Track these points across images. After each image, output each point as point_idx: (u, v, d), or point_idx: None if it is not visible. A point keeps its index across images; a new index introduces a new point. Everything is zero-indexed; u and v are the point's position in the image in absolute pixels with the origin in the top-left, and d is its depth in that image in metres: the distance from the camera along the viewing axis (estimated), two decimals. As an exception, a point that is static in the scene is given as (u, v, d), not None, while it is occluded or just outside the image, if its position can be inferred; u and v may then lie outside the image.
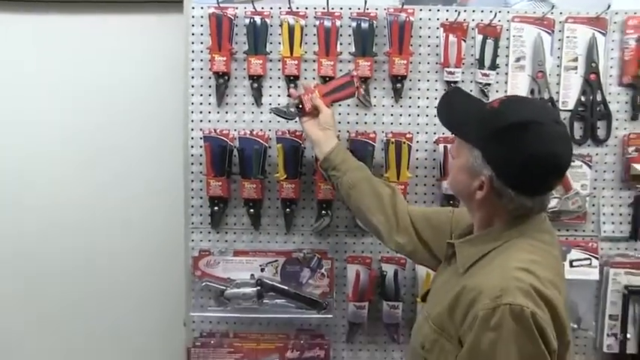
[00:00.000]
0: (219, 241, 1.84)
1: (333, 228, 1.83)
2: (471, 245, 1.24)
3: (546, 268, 1.15)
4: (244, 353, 1.79)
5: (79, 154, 2.06)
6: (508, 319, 1.04)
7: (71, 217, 2.08)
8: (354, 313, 1.81)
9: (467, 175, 1.22)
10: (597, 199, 1.81)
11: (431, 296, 1.35)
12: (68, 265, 2.10)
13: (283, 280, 1.81)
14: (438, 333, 1.19)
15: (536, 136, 1.13)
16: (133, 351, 2.13)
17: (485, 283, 1.11)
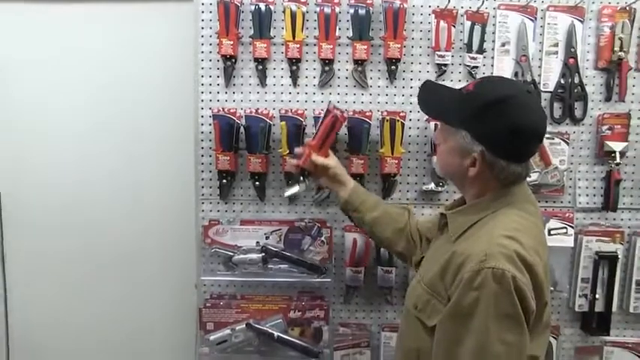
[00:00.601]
0: (227, 211, 1.92)
1: (332, 199, 1.90)
2: (462, 215, 1.33)
3: (529, 235, 1.24)
4: (250, 313, 1.86)
5: (101, 133, 2.11)
6: (490, 280, 1.13)
7: (95, 191, 2.16)
8: (351, 277, 1.90)
9: (457, 156, 1.29)
10: (574, 174, 1.91)
11: (424, 262, 1.42)
12: (92, 235, 2.18)
13: (286, 247, 1.88)
14: (429, 294, 1.28)
15: (515, 108, 1.23)
16: (150, 311, 2.23)
17: (473, 249, 1.19)
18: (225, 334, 1.84)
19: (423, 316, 1.29)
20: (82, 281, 2.22)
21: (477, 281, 1.14)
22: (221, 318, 1.86)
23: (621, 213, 1.94)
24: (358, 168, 1.84)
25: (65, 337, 2.25)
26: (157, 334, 2.25)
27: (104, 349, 2.26)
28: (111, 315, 2.24)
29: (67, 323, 2.23)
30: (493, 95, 1.25)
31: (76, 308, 2.23)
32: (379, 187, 1.91)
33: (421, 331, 1.29)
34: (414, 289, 1.36)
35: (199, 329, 1.86)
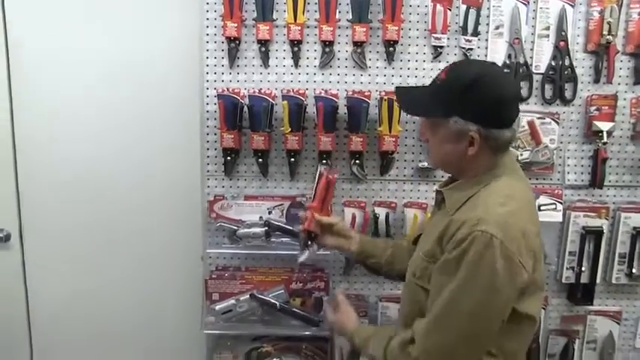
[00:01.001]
0: (232, 187, 1.96)
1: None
2: (458, 190, 1.39)
3: (521, 200, 1.33)
4: (254, 284, 1.91)
5: (111, 113, 2.13)
6: (477, 243, 1.21)
7: (105, 168, 2.17)
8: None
9: (452, 142, 1.34)
10: (563, 152, 1.98)
11: (423, 237, 1.49)
12: (103, 210, 2.20)
13: (288, 221, 1.92)
14: (427, 261, 1.36)
15: (493, 81, 1.32)
16: (158, 282, 2.26)
17: (468, 215, 1.28)
18: (230, 304, 1.89)
19: (422, 281, 1.37)
20: (94, 254, 2.26)
21: (465, 243, 1.23)
22: (226, 289, 1.91)
23: (607, 190, 2.01)
24: (357, 146, 1.89)
25: (78, 307, 2.30)
26: (165, 305, 2.30)
27: (115, 319, 2.31)
28: (121, 286, 2.28)
29: (79, 294, 2.28)
30: (469, 76, 1.31)
31: (88, 279, 2.27)
32: (377, 164, 1.97)
33: (422, 296, 1.37)
34: (414, 261, 1.43)
35: (205, 299, 1.92)
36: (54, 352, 2.34)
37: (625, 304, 2.09)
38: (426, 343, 1.30)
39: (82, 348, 2.34)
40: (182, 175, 2.14)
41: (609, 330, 2.09)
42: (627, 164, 2.01)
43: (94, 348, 2.34)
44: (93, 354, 2.34)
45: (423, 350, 1.30)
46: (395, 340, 1.37)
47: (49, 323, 2.32)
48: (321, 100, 1.88)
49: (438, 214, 1.47)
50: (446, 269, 1.28)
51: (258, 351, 1.98)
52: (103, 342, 2.34)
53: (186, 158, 2.09)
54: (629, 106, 1.97)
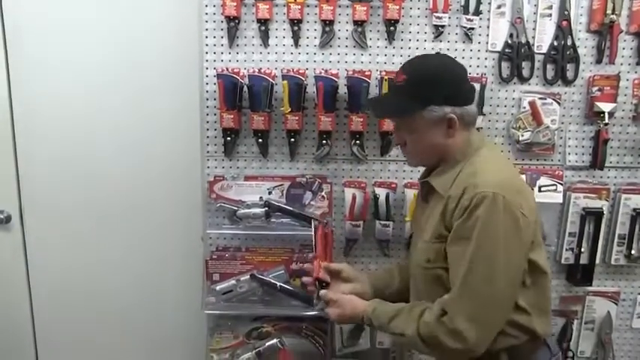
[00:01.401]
0: (232, 167, 1.98)
1: (332, 156, 1.97)
2: (442, 174, 1.48)
3: (506, 165, 1.49)
4: (254, 265, 1.91)
5: (110, 93, 2.13)
6: (484, 203, 1.31)
7: (106, 148, 2.18)
8: (350, 230, 1.97)
9: (432, 130, 1.43)
10: (564, 133, 1.98)
11: (423, 227, 1.51)
12: (104, 190, 2.21)
13: (288, 202, 1.93)
14: (436, 243, 1.42)
15: (449, 64, 1.48)
16: (158, 263, 2.28)
17: (465, 185, 1.37)
18: (231, 285, 1.90)
19: (440, 262, 1.42)
20: (94, 234, 2.27)
21: (471, 205, 1.32)
22: (226, 269, 1.92)
23: (608, 171, 2.02)
24: (357, 126, 1.90)
25: (78, 287, 2.32)
26: (165, 285, 2.32)
27: (115, 299, 2.33)
28: (121, 267, 2.30)
29: (80, 274, 2.30)
30: (429, 66, 1.47)
31: (89, 260, 2.29)
32: (378, 144, 1.97)
33: (444, 276, 1.42)
34: (421, 250, 1.48)
35: (206, 280, 1.93)
36: (55, 330, 2.37)
37: (623, 285, 2.12)
38: (460, 310, 1.35)
39: (83, 326, 2.36)
40: (182, 155, 2.15)
41: (607, 310, 2.12)
42: (628, 145, 2.01)
43: (95, 326, 2.36)
44: (93, 332, 2.37)
45: (459, 318, 1.34)
46: (427, 315, 1.40)
47: (50, 304, 2.35)
48: (322, 79, 1.88)
49: (429, 205, 1.52)
50: (460, 237, 1.36)
51: (259, 331, 1.99)
52: (103, 320, 2.36)
53: (185, 139, 2.09)
54: (631, 86, 1.97)
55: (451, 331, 1.35)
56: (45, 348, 2.40)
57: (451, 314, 1.36)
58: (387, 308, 1.49)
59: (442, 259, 1.42)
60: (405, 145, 1.52)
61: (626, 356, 2.18)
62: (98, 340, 2.38)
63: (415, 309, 1.45)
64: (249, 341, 1.99)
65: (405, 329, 1.42)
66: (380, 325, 1.49)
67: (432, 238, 1.44)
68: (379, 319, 1.49)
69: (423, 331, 1.39)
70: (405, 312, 1.46)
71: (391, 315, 1.47)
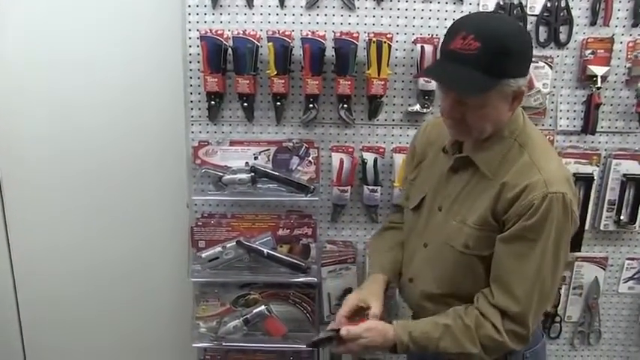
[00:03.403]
0: (217, 132, 1.98)
1: (320, 120, 1.98)
2: (486, 151, 1.40)
3: (555, 152, 1.45)
4: (241, 231, 1.94)
5: (88, 60, 2.11)
6: (555, 204, 1.30)
7: (87, 117, 2.17)
8: (337, 196, 1.99)
9: (502, 105, 1.33)
10: (556, 97, 1.99)
11: (457, 203, 1.46)
12: (84, 160, 2.21)
13: (275, 167, 1.94)
14: (480, 230, 1.40)
15: (520, 29, 1.37)
16: (143, 231, 2.29)
17: (528, 178, 1.33)
18: (217, 252, 1.93)
19: (478, 250, 1.41)
20: (76, 203, 2.27)
21: (544, 205, 1.30)
22: (212, 236, 1.95)
23: (599, 136, 2.04)
24: (345, 89, 1.89)
25: (62, 259, 2.33)
26: (150, 253, 2.33)
27: (100, 268, 2.34)
28: (105, 235, 2.30)
29: (63, 245, 2.31)
30: (504, 33, 1.29)
31: (71, 230, 2.30)
32: (365, 108, 1.97)
33: (477, 264, 1.43)
34: (458, 232, 1.43)
35: (191, 247, 1.95)
36: (40, 304, 2.39)
37: (611, 250, 2.16)
38: (530, 314, 1.36)
39: (67, 299, 2.38)
40: (165, 120, 2.14)
41: (595, 276, 2.17)
42: (620, 110, 2.03)
43: (80, 298, 2.38)
44: (78, 304, 2.39)
45: (530, 322, 1.37)
46: (485, 328, 1.38)
47: (33, 277, 2.36)
48: (308, 41, 1.87)
49: (462, 179, 1.46)
50: (524, 237, 1.33)
51: (246, 298, 2.02)
52: (88, 292, 2.38)
53: (168, 103, 2.08)
54: (625, 49, 1.98)
55: (521, 336, 1.38)
56: (29, 325, 2.42)
57: (520, 319, 1.36)
58: (424, 328, 1.41)
59: (482, 247, 1.40)
60: (459, 120, 1.36)
61: (611, 320, 2.25)
62: (83, 312, 2.40)
63: (458, 321, 1.40)
64: (236, 309, 2.02)
65: (463, 348, 1.39)
66: (423, 348, 1.41)
67: (477, 223, 1.40)
68: (419, 342, 1.41)
69: (488, 343, 1.38)
70: (450, 328, 1.40)
71: (435, 336, 1.40)
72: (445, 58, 1.34)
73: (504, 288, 1.37)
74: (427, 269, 1.53)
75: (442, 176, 1.51)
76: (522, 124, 1.41)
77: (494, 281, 1.40)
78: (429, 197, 1.54)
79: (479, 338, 1.38)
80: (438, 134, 1.56)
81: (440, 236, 1.48)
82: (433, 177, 1.54)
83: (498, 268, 1.39)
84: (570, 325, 2.26)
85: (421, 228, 1.55)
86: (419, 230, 1.56)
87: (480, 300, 1.41)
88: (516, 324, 1.36)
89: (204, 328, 2.02)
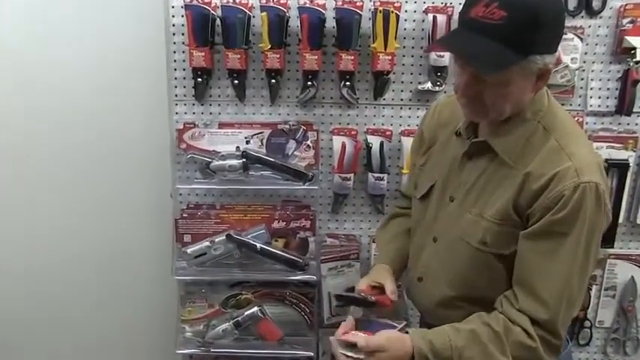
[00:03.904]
0: (204, 113, 1.92)
1: (319, 99, 1.91)
2: (506, 135, 1.32)
3: (585, 136, 1.40)
4: (231, 224, 1.89)
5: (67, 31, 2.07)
6: (588, 194, 1.22)
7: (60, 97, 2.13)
8: (339, 184, 1.93)
9: (524, 83, 1.25)
10: (586, 73, 1.89)
11: (473, 194, 1.39)
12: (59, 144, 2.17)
13: (269, 152, 1.89)
14: (500, 224, 1.32)
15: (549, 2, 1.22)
16: (122, 223, 2.25)
17: (556, 166, 1.25)
18: (204, 247, 1.88)
19: (497, 248, 1.34)
20: (51, 194, 2.24)
21: (575, 197, 1.22)
22: (199, 229, 1.90)
23: (636, 117, 1.94)
24: (347, 65, 1.82)
25: (37, 253, 2.30)
26: (131, 248, 2.29)
27: (77, 264, 2.30)
28: (82, 229, 2.26)
29: (38, 238, 2.28)
30: (532, 2, 1.18)
31: (46, 222, 2.27)
32: (370, 86, 1.91)
33: (494, 263, 1.35)
34: (474, 226, 1.36)
35: (175, 241, 1.90)
36: (10, 305, 2.36)
37: (650, 247, 2.07)
38: (560, 318, 1.29)
39: (43, 296, 2.35)
40: (146, 100, 2.10)
41: (631, 275, 2.07)
42: (661, 87, 1.93)
43: (49, 297, 2.35)
44: (47, 303, 2.35)
45: (561, 328, 1.30)
46: (515, 334, 1.29)
47: (5, 271, 2.33)
48: (306, 11, 1.81)
49: (477, 166, 1.39)
50: (552, 232, 1.26)
51: (237, 298, 1.98)
52: (59, 291, 2.34)
53: (149, 81, 2.04)
54: (668, 17, 1.87)
55: (553, 346, 1.30)
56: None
57: (550, 326, 1.29)
58: (445, 335, 1.33)
59: (502, 244, 1.33)
60: (474, 99, 1.28)
61: (652, 326, 2.15)
62: (52, 313, 2.37)
63: (484, 327, 1.32)
64: (226, 310, 1.98)
65: (491, 358, 1.31)
66: (443, 359, 1.33)
67: (496, 217, 1.33)
68: (440, 352, 1.32)
69: (519, 352, 1.30)
70: (476, 334, 1.32)
71: (459, 344, 1.31)
72: (463, 28, 1.25)
73: (530, 291, 1.29)
74: (437, 267, 1.47)
75: (455, 163, 1.44)
76: (547, 104, 1.34)
77: (517, 284, 1.32)
78: (438, 186, 1.48)
79: (509, 346, 1.30)
80: (451, 115, 1.49)
81: (452, 230, 1.42)
82: (444, 163, 1.47)
83: (522, 268, 1.31)
84: (602, 331, 2.16)
85: (430, 220, 1.49)
86: (427, 222, 1.50)
87: (504, 304, 1.33)
88: (546, 332, 1.29)
89: (190, 333, 1.98)
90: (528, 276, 1.29)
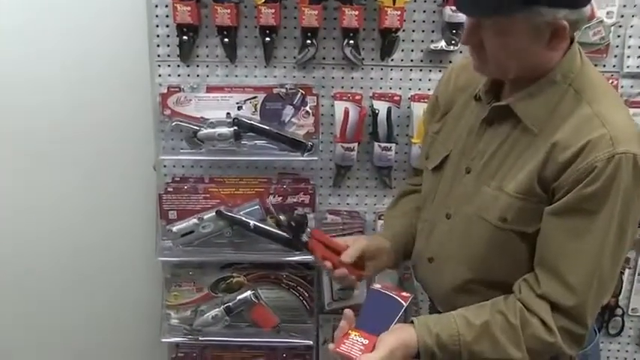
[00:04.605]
0: (190, 75, 1.86)
1: (319, 60, 1.84)
2: (531, 99, 1.25)
3: (622, 102, 1.33)
4: (221, 199, 1.83)
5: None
6: (624, 166, 1.15)
7: (35, 65, 2.04)
8: (341, 155, 1.86)
9: (530, 39, 1.19)
10: (623, 29, 1.80)
11: (490, 165, 1.33)
12: (34, 115, 2.09)
13: (263, 119, 1.84)
14: (522, 199, 1.24)
15: None
16: (99, 196, 2.18)
17: (588, 135, 1.17)
18: (192, 225, 1.84)
19: (519, 225, 1.27)
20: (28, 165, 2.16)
21: (609, 168, 1.16)
22: (186, 205, 1.86)
23: None
24: (351, 21, 1.75)
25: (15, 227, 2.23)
26: (110, 227, 2.21)
27: (54, 244, 2.23)
28: (54, 204, 2.19)
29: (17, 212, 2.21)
30: None
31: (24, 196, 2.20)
32: (377, 45, 1.83)
33: (516, 242, 1.28)
34: (494, 201, 1.29)
35: (160, 219, 1.85)
36: None
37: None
38: (589, 306, 1.22)
39: (20, 276, 2.28)
40: (126, 62, 2.01)
41: None
42: None
43: (26, 277, 2.27)
44: (24, 283, 2.28)
45: (588, 317, 1.23)
46: (532, 326, 1.23)
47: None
48: None
49: (498, 133, 1.32)
50: (584, 208, 1.19)
51: (227, 282, 1.93)
52: (37, 269, 2.27)
53: (128, 39, 1.96)
54: None
55: (577, 337, 1.24)
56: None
57: (575, 315, 1.22)
58: (453, 327, 1.28)
59: (525, 221, 1.26)
60: (478, 47, 1.24)
61: (692, 315, 2.08)
62: (29, 296, 2.30)
63: (498, 318, 1.25)
64: (216, 295, 1.95)
65: (504, 353, 1.25)
66: (451, 353, 1.27)
67: (518, 191, 1.25)
68: (448, 347, 1.26)
69: (535, 346, 1.24)
70: (489, 327, 1.26)
71: (468, 339, 1.26)
72: None
73: (554, 274, 1.22)
74: (451, 247, 1.39)
75: (472, 130, 1.37)
76: (580, 65, 1.25)
77: (540, 265, 1.25)
78: (454, 155, 1.40)
79: (524, 339, 1.23)
80: (469, 79, 1.41)
81: (468, 205, 1.34)
82: (461, 131, 1.40)
83: (547, 248, 1.24)
84: (636, 320, 2.09)
85: (443, 194, 1.42)
86: (440, 197, 1.43)
87: (523, 289, 1.25)
88: (570, 320, 1.22)
89: (177, 320, 1.94)
90: (553, 257, 1.23)
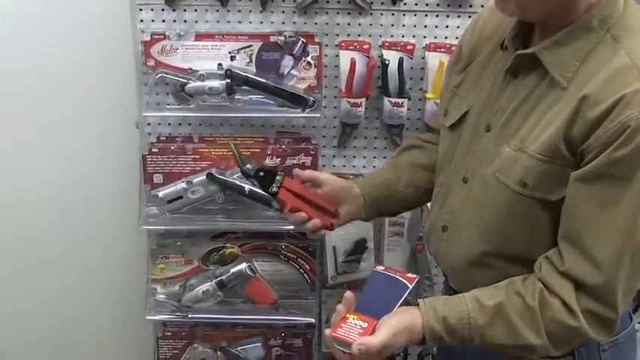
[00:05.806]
0: (177, 21, 1.77)
1: (322, 4, 1.75)
2: (561, 48, 1.17)
3: None
4: (212, 160, 1.79)
5: None
6: None
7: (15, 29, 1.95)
8: (347, 111, 1.78)
9: None
10: None
11: (512, 121, 1.26)
12: (19, 79, 2.01)
13: (259, 71, 1.77)
14: (546, 162, 1.16)
15: None
16: (77, 157, 2.11)
17: (622, 89, 1.08)
18: (179, 189, 1.79)
19: (540, 191, 1.17)
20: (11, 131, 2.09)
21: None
22: (173, 167, 1.80)
23: None
24: None
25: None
26: (87, 191, 2.14)
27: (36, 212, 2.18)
28: (28, 166, 2.12)
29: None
30: None
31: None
32: None
33: (538, 210, 1.20)
34: (514, 162, 1.20)
35: (144, 183, 1.79)
36: None
37: None
38: (620, 286, 1.14)
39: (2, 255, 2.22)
40: (103, 5, 1.92)
41: None
42: None
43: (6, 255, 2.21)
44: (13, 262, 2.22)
45: (618, 296, 1.14)
46: (552, 308, 1.17)
47: None
48: None
49: (521, 87, 1.24)
50: (615, 173, 1.11)
51: (220, 253, 1.88)
52: (12, 239, 2.21)
53: None
54: None
55: (606, 321, 1.16)
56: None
57: (603, 295, 1.14)
58: (462, 310, 1.22)
59: (548, 187, 1.16)
60: None
61: None
62: (9, 273, 2.23)
63: (515, 299, 1.19)
64: (207, 267, 1.89)
65: (521, 339, 1.19)
66: (461, 339, 1.21)
67: (541, 152, 1.15)
68: (457, 331, 1.21)
69: (556, 330, 1.17)
70: (503, 309, 1.20)
71: (479, 323, 1.20)
72: None
73: (580, 249, 1.14)
74: (467, 214, 1.31)
75: (496, 83, 1.28)
76: (622, 9, 1.16)
77: (564, 239, 1.16)
78: (474, 111, 1.31)
79: (544, 324, 1.17)
80: (497, 25, 1.33)
81: (487, 167, 1.25)
82: (484, 83, 1.31)
83: (572, 219, 1.15)
84: None
85: (460, 155, 1.32)
86: (457, 158, 1.33)
87: (544, 267, 1.18)
88: (597, 301, 1.14)
89: (163, 295, 1.88)
90: (578, 229, 1.14)
